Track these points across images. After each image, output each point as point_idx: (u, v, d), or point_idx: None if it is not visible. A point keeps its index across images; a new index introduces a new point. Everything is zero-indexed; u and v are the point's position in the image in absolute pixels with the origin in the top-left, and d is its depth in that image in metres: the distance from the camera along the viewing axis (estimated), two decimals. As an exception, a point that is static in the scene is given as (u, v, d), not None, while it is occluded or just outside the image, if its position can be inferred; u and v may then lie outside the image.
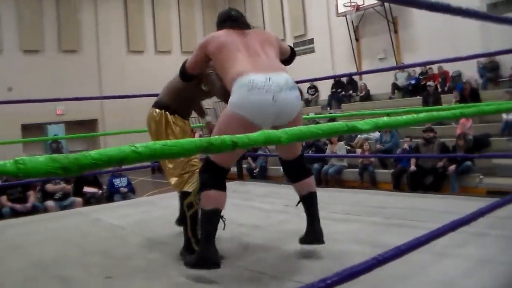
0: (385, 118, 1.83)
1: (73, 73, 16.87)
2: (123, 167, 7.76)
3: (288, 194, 5.44)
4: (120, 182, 9.61)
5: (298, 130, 1.49)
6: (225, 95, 2.97)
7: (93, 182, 9.47)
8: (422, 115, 2.15)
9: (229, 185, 6.61)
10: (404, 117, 1.93)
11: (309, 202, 3.13)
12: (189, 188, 3.21)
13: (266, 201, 5.41)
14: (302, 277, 2.75)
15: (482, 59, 12.91)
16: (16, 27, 16.43)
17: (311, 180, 3.18)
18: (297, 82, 3.46)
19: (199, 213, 2.98)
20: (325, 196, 5.45)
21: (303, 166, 3.19)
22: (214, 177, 2.81)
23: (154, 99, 3.62)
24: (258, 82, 2.67)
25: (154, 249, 3.60)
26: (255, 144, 1.38)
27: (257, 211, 4.89)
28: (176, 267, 3.08)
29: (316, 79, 13.58)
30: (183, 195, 3.26)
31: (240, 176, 7.64)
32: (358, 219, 4.22)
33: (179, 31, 20.14)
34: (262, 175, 12.50)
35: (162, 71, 18.55)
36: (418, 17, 14.29)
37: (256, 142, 1.36)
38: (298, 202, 3.18)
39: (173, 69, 3.83)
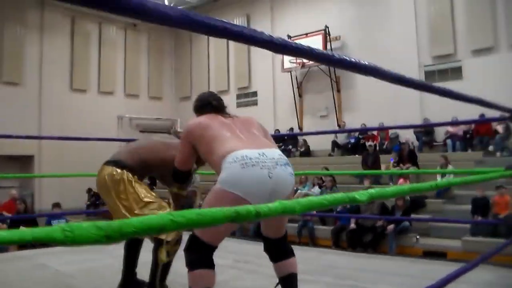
0: (377, 189, 1.92)
1: (12, 106, 16.39)
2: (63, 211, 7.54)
3: (235, 248, 5.47)
4: (58, 223, 9.33)
5: (309, 201, 1.57)
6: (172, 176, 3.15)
7: (30, 222, 9.17)
8: (406, 187, 2.27)
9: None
10: (393, 187, 2.05)
11: (289, 284, 2.87)
12: (167, 237, 3.17)
13: (215, 255, 5.32)
14: None
15: (420, 122, 13.55)
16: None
17: (294, 260, 2.94)
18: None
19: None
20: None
21: (286, 246, 3.00)
22: (202, 255, 2.64)
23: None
24: (252, 157, 2.52)
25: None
26: (275, 213, 1.43)
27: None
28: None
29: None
30: (158, 243, 3.21)
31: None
32: (311, 279, 4.24)
33: (124, 73, 20.06)
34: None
35: (104, 112, 18.52)
36: (360, 78, 14.81)
37: (276, 211, 1.42)
38: (277, 284, 2.93)
39: (115, 110, 3.84)
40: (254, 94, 18.68)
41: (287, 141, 16.76)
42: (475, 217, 9.38)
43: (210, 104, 3.13)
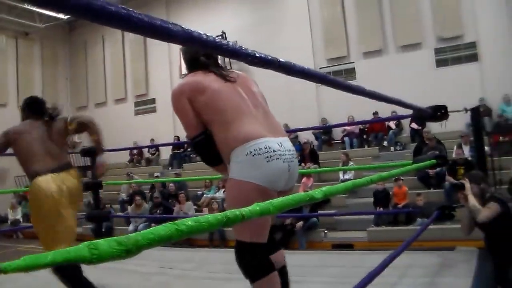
0: (329, 187, 2.11)
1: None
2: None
3: (158, 255, 5.49)
4: None
5: (281, 201, 1.72)
6: None
7: None
8: (350, 183, 2.48)
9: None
10: (343, 184, 2.28)
11: (284, 276, 2.77)
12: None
13: (139, 264, 5.12)
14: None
15: (318, 123, 14.12)
16: None
17: (283, 252, 2.85)
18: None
19: None
20: (197, 257, 5.59)
21: (274, 239, 2.90)
22: (258, 259, 2.45)
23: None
24: (275, 149, 2.42)
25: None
26: (255, 215, 1.57)
27: (135, 274, 4.78)
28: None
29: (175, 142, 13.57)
30: None
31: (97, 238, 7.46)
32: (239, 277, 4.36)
33: (16, 84, 19.20)
34: (109, 236, 12.13)
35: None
36: (260, 83, 15.12)
37: (255, 213, 1.57)
38: None
39: (9, 123, 3.78)
40: (153, 101, 18.55)
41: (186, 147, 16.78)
42: (377, 209, 9.99)
43: (199, 60, 2.73)
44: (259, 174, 2.38)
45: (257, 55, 1.79)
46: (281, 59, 2.00)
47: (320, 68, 14.76)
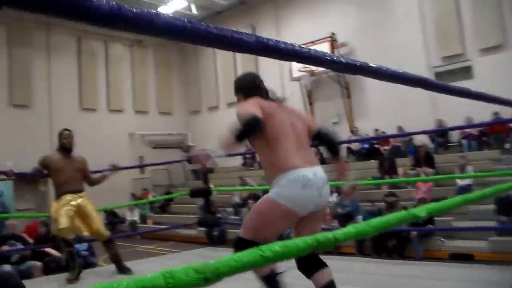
0: (434, 204, 1.87)
1: (23, 129, 16.43)
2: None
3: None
4: (80, 245, 9.28)
5: (379, 221, 1.51)
6: None
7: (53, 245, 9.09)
8: (459, 198, 2.20)
9: (201, 251, 6.51)
10: (459, 198, 2.01)
11: None
12: None
13: None
14: None
15: (433, 123, 13.41)
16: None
17: (329, 270, 3.01)
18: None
19: None
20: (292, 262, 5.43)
21: (317, 256, 3.03)
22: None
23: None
24: (310, 178, 2.80)
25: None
26: (349, 238, 1.38)
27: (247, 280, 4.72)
28: None
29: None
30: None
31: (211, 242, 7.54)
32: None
33: (132, 90, 20.09)
34: (222, 240, 12.27)
35: (114, 129, 18.52)
36: (370, 83, 14.74)
37: (350, 235, 1.37)
38: None
39: (125, 127, 3.89)
40: (263, 104, 18.59)
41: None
42: (500, 217, 9.27)
43: (259, 87, 3.13)
44: (295, 200, 2.78)
45: (343, 61, 1.61)
46: (371, 64, 1.79)
47: (434, 67, 14.12)
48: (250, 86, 3.12)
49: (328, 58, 1.59)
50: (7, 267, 8.30)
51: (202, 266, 1.01)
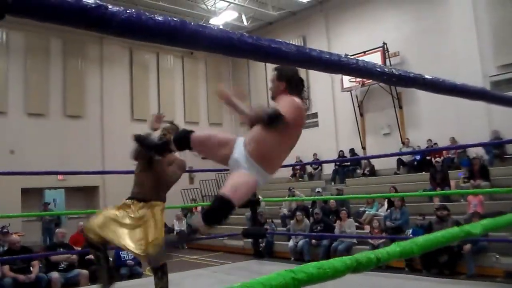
0: (489, 220, 1.73)
1: (76, 139, 16.77)
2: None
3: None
4: (127, 254, 9.32)
5: (425, 240, 1.39)
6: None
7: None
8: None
9: (246, 264, 6.43)
10: (504, 217, 1.85)
11: None
12: None
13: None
14: None
15: (488, 134, 12.95)
16: (22, 90, 16.38)
17: None
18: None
19: None
20: (346, 280, 5.25)
21: None
22: (226, 216, 3.02)
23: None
24: None
25: None
26: (393, 258, 1.27)
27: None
28: None
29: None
30: None
31: (257, 254, 7.45)
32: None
33: (183, 101, 20.26)
34: (269, 252, 12.18)
35: (165, 140, 18.66)
36: (422, 93, 14.36)
37: (395, 255, 1.26)
38: None
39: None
40: (315, 115, 18.37)
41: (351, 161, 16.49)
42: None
43: (302, 81, 3.30)
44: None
45: (395, 73, 1.49)
46: (426, 76, 1.67)
47: (490, 76, 13.62)
48: (294, 78, 3.23)
49: (378, 70, 1.48)
50: (55, 274, 8.45)
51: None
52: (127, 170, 6.46)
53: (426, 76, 1.70)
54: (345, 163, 16.43)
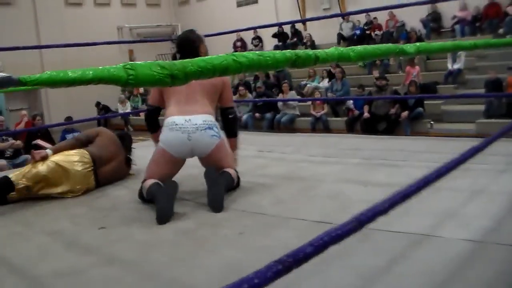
0: (423, 43, 1.81)
1: (8, 27, 15.81)
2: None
3: (256, 140, 5.43)
4: (73, 136, 9.24)
5: (363, 48, 1.46)
6: None
7: (45, 135, 9.11)
8: (449, 43, 2.15)
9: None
10: (437, 44, 1.94)
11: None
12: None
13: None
14: (306, 216, 2.75)
15: (425, 10, 13.16)
16: None
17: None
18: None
19: None
20: (297, 141, 5.47)
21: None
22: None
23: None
24: (177, 123, 3.22)
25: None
26: (331, 59, 1.34)
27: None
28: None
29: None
30: None
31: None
32: (338, 161, 4.21)
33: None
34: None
35: (102, 24, 17.96)
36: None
37: (332, 57, 1.33)
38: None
39: (113, 21, 3.72)
40: (255, -7, 18.08)
41: (292, 37, 16.47)
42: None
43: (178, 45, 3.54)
44: (164, 140, 3.27)
45: None
46: None
47: None
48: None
49: None
50: (1, 161, 8.37)
51: (169, 63, 0.96)
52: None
53: None
54: (287, 39, 16.44)
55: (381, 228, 2.17)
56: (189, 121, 3.23)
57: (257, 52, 1.12)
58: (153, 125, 3.66)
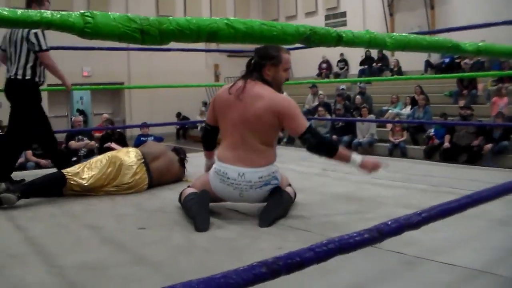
0: (485, 43, 1.59)
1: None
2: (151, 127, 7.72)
3: (323, 159, 5.24)
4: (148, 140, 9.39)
5: (405, 37, 1.27)
6: None
7: (119, 140, 9.30)
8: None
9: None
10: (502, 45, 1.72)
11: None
12: None
13: (303, 165, 5.10)
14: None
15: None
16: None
17: None
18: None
19: None
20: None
21: None
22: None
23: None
24: (229, 177, 2.91)
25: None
26: (360, 42, 1.16)
27: (296, 174, 4.60)
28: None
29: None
30: None
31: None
32: (404, 185, 3.99)
33: (210, 3, 19.76)
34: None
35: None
36: (456, -7, 13.86)
37: (362, 41, 1.15)
38: None
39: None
40: (343, 14, 17.93)
41: (378, 62, 16.14)
42: None
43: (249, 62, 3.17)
44: (214, 184, 3.00)
45: None
46: None
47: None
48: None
49: None
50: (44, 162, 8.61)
51: (142, 17, 0.81)
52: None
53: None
54: (373, 64, 16.13)
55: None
56: (243, 176, 2.89)
57: (262, 22, 0.96)
58: (209, 145, 3.39)
